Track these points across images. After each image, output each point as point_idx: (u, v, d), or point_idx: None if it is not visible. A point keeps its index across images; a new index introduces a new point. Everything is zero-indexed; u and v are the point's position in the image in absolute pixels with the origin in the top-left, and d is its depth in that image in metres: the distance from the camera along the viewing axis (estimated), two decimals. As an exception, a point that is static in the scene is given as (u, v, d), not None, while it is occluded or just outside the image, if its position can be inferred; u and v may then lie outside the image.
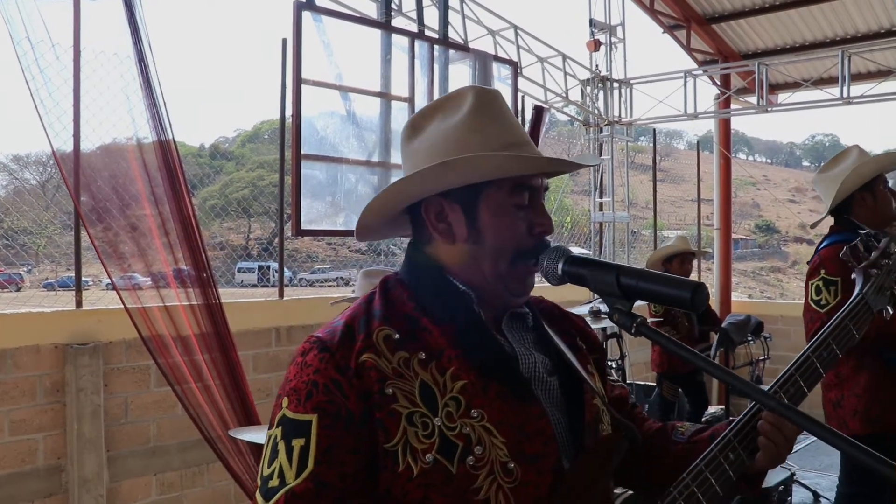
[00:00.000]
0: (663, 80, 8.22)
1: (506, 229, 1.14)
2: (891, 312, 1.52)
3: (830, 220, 3.10)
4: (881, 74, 7.71)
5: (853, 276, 1.57)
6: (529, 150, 1.18)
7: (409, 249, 1.23)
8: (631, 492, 1.35)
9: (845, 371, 2.85)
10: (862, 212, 2.93)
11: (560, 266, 1.13)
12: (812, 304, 2.82)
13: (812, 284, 2.84)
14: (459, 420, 1.05)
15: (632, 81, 8.19)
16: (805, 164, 78.90)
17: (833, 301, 2.73)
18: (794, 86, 8.28)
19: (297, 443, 1.02)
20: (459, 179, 1.13)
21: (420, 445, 1.03)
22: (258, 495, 1.04)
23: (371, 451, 1.03)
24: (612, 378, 1.44)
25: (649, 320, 1.08)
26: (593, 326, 4.22)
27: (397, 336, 1.09)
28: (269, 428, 1.08)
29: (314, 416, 1.03)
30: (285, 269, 5.46)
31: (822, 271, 2.80)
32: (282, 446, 1.03)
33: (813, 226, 3.24)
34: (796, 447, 6.49)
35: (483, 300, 1.17)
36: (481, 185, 1.14)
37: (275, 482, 1.02)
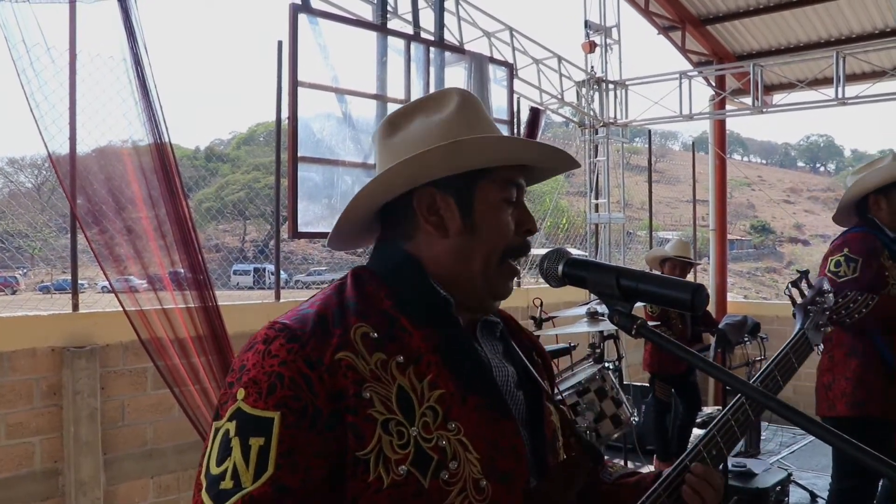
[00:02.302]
0: (658, 81, 8.24)
1: (499, 224, 1.12)
2: (821, 348, 1.65)
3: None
4: (875, 75, 7.74)
5: (793, 311, 1.71)
6: None
7: (383, 245, 1.17)
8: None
9: (838, 355, 3.06)
10: (878, 214, 3.13)
11: (560, 268, 1.13)
12: (829, 274, 3.03)
13: (832, 259, 3.06)
14: (436, 432, 1.00)
15: (627, 83, 8.22)
16: (800, 164, 79.09)
17: (851, 275, 2.97)
18: (788, 87, 8.30)
19: (256, 442, 0.93)
20: (468, 161, 1.09)
21: (394, 455, 0.96)
22: (204, 496, 0.95)
23: (338, 456, 0.96)
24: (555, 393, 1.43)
25: (649, 324, 1.08)
26: (591, 328, 4.21)
27: (375, 335, 1.02)
28: (217, 419, 0.99)
29: (277, 414, 0.94)
30: (281, 272, 5.45)
31: (846, 249, 3.04)
32: (236, 443, 0.94)
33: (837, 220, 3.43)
34: (793, 447, 6.50)
35: (461, 305, 1.13)
36: (476, 176, 1.11)
37: (228, 484, 0.93)
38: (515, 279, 1.20)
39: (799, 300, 1.76)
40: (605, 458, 1.40)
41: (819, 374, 3.16)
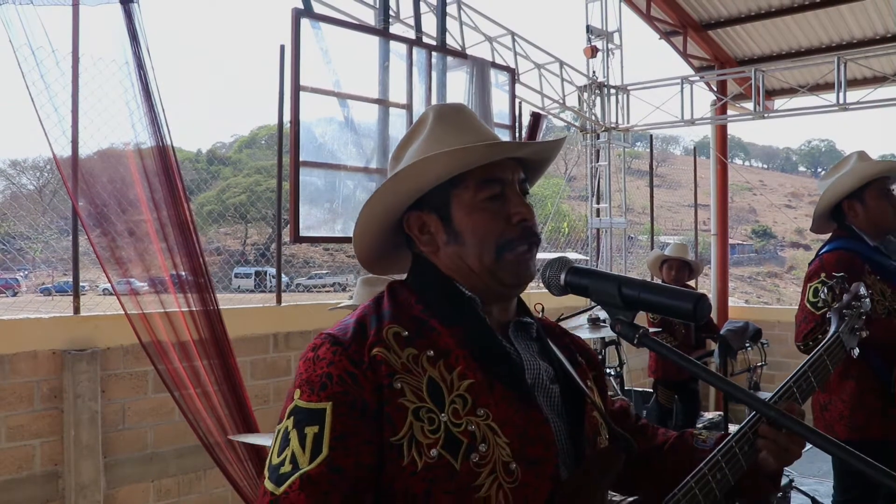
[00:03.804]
0: (660, 86, 8.25)
1: (481, 224, 1.17)
2: (857, 351, 1.63)
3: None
4: (877, 80, 7.75)
5: (828, 314, 1.68)
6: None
7: (414, 259, 1.27)
8: (632, 498, 1.36)
9: (833, 377, 2.87)
10: (855, 220, 2.93)
11: (562, 277, 1.15)
12: (808, 305, 2.82)
13: (811, 287, 2.84)
14: (465, 417, 1.06)
15: (629, 88, 8.22)
16: (801, 169, 79.08)
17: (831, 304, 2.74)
18: (790, 92, 8.31)
19: (311, 430, 1.02)
20: (415, 187, 1.18)
21: (425, 440, 1.04)
22: (267, 483, 1.03)
23: (382, 445, 1.04)
24: (611, 393, 1.46)
25: (650, 330, 1.09)
26: (592, 335, 4.21)
27: (406, 333, 1.12)
28: (279, 422, 1.08)
29: (329, 404, 1.03)
30: (282, 275, 5.45)
31: (823, 275, 2.80)
32: (293, 434, 1.03)
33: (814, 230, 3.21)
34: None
35: (488, 304, 1.20)
36: (448, 188, 1.19)
37: (287, 468, 1.01)
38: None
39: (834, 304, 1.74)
40: (687, 430, 1.45)
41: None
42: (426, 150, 1.19)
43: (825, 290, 2.66)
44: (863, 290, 1.72)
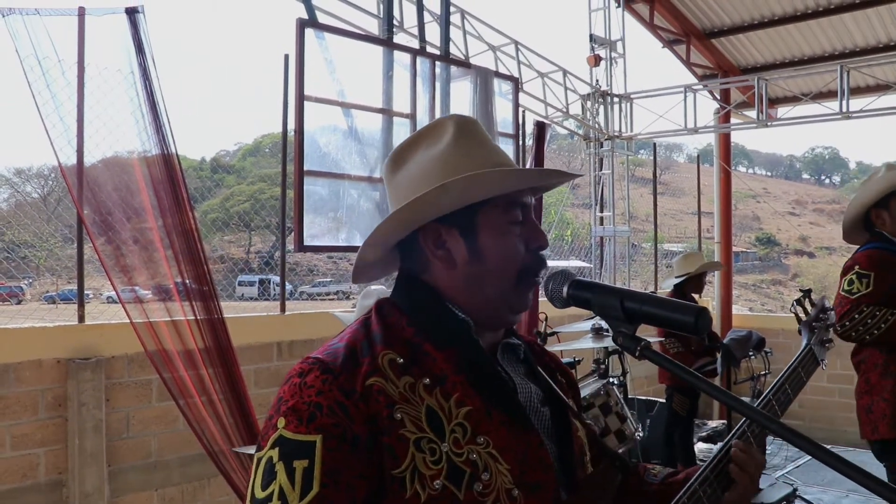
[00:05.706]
0: (663, 94, 8.25)
1: (506, 248, 1.16)
2: (826, 363, 1.68)
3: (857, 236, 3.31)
4: (880, 88, 7.76)
5: (799, 329, 1.73)
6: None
7: (403, 278, 1.22)
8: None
9: (873, 378, 3.04)
10: (884, 227, 3.11)
11: (565, 290, 1.16)
12: (843, 293, 3.03)
13: (845, 279, 3.05)
14: (466, 446, 1.04)
15: (632, 96, 8.23)
16: (805, 176, 79.03)
17: (864, 290, 2.96)
18: (793, 100, 8.32)
19: (300, 464, 0.97)
20: (459, 200, 1.13)
21: (428, 472, 1.01)
22: None
23: (377, 478, 1.00)
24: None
25: (656, 340, 1.10)
26: (595, 345, 4.19)
27: (401, 360, 1.08)
28: (259, 450, 1.03)
29: (318, 437, 0.98)
30: (286, 283, 5.46)
31: (857, 267, 3.03)
32: (280, 468, 0.98)
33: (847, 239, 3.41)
34: (798, 461, 6.48)
35: (480, 327, 1.17)
36: (476, 207, 1.15)
37: None
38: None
39: (804, 317, 1.79)
40: (642, 464, 1.43)
41: (858, 397, 3.13)
42: (456, 162, 1.15)
43: (857, 280, 2.96)
44: (827, 304, 1.78)
